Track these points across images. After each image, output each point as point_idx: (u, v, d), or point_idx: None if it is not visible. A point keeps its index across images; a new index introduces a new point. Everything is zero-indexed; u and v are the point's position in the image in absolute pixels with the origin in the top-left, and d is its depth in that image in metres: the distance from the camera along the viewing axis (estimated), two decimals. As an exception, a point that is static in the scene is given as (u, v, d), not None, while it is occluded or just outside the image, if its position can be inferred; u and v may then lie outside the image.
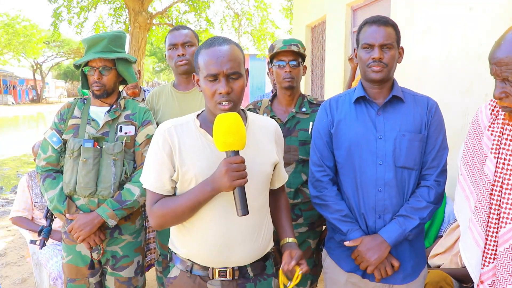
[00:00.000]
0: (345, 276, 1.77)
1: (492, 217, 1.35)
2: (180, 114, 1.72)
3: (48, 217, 2.23)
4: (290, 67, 2.12)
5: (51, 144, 2.05)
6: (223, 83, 1.33)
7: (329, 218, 1.75)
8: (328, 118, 1.79)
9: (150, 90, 3.86)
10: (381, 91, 1.72)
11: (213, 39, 1.39)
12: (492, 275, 1.37)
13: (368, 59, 1.66)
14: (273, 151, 1.52)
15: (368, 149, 1.68)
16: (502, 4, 2.67)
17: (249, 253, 1.45)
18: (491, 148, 1.36)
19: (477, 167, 1.41)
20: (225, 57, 1.34)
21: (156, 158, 1.41)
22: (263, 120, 1.57)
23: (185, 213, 1.38)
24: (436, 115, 1.71)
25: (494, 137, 1.37)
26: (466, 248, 1.44)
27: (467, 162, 1.45)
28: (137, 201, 2.01)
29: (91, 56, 1.98)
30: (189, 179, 1.39)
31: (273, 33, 13.34)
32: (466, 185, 1.45)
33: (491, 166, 1.35)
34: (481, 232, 1.37)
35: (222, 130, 1.28)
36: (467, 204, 1.44)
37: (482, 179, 1.37)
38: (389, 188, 1.67)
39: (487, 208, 1.35)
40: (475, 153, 1.42)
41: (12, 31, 28.23)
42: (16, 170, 8.59)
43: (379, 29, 1.64)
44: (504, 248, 1.32)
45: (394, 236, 1.64)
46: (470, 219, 1.41)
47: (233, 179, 1.28)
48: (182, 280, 1.47)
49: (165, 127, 1.43)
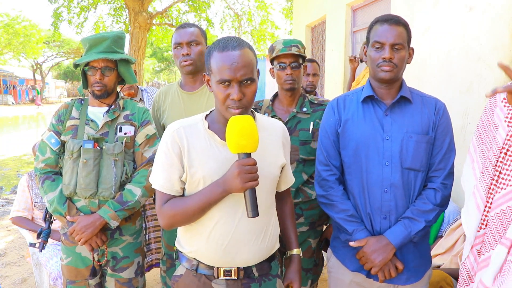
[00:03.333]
0: (350, 276, 1.77)
1: (493, 183, 1.36)
2: (185, 115, 1.72)
3: (47, 220, 2.20)
4: (291, 69, 2.12)
5: (49, 145, 2.03)
6: (236, 89, 1.32)
7: (335, 217, 1.74)
8: (336, 117, 1.77)
9: (148, 90, 3.86)
10: (389, 91, 1.71)
11: (226, 41, 1.36)
12: (481, 242, 1.39)
13: (378, 59, 1.64)
14: (280, 153, 1.52)
15: (375, 149, 1.67)
16: (502, 4, 2.67)
17: (254, 254, 1.46)
18: (506, 117, 1.36)
19: (488, 137, 1.42)
20: (239, 63, 1.32)
21: (166, 159, 1.42)
22: (271, 122, 1.56)
23: (195, 214, 1.38)
24: (444, 117, 1.69)
25: (507, 109, 1.37)
26: (467, 213, 1.46)
27: (480, 135, 1.46)
28: (139, 201, 2.01)
29: (94, 56, 1.96)
30: (197, 180, 1.40)
31: (273, 33, 13.34)
32: (475, 156, 1.46)
33: (502, 134, 1.36)
34: (483, 196, 1.38)
35: (236, 132, 1.28)
36: (473, 173, 1.45)
37: (492, 147, 1.38)
38: (395, 189, 1.66)
39: (492, 173, 1.36)
40: (488, 125, 1.43)
41: (12, 31, 28.21)
42: (16, 170, 8.59)
43: (391, 28, 1.62)
44: (495, 213, 1.33)
45: (399, 239, 1.63)
46: (475, 185, 1.42)
47: (245, 181, 1.28)
48: (188, 278, 1.48)
49: (174, 128, 1.43)
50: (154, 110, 2.39)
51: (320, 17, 6.72)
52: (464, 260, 1.46)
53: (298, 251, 1.63)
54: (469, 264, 1.43)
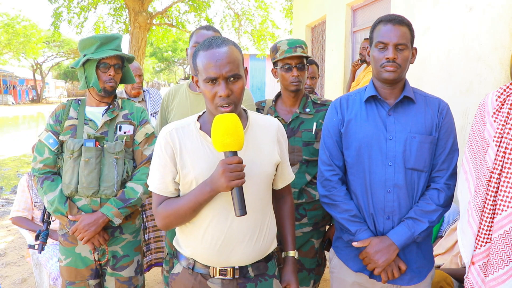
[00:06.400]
0: (353, 276, 1.77)
1: (488, 203, 1.37)
2: (191, 114, 1.72)
3: (45, 221, 2.20)
4: (297, 70, 2.11)
5: (48, 146, 2.03)
6: (223, 86, 1.33)
7: (338, 217, 1.73)
8: (338, 117, 1.77)
9: (150, 91, 3.87)
10: (392, 91, 1.70)
11: (210, 40, 1.37)
12: (483, 258, 1.40)
13: (382, 59, 1.63)
14: (274, 151, 1.51)
15: (378, 149, 1.67)
16: (502, 4, 2.67)
17: (249, 254, 1.46)
18: (494, 136, 1.37)
19: (479, 153, 1.42)
20: (224, 59, 1.32)
21: (160, 161, 1.43)
22: (265, 119, 1.56)
23: (187, 214, 1.39)
24: (447, 118, 1.69)
25: (497, 125, 1.37)
26: (461, 229, 1.48)
27: (471, 146, 1.46)
28: (140, 198, 2.02)
29: (110, 52, 1.97)
30: (190, 181, 1.40)
31: (273, 33, 13.35)
32: (468, 168, 1.46)
33: (491, 154, 1.36)
34: (475, 216, 1.40)
35: (220, 130, 1.29)
36: (467, 185, 1.46)
37: (483, 166, 1.39)
38: (399, 190, 1.66)
39: (483, 194, 1.37)
40: (479, 139, 1.43)
41: (12, 31, 28.21)
42: (16, 170, 8.59)
43: (394, 28, 1.61)
44: (498, 234, 1.34)
45: (403, 239, 1.63)
46: (469, 201, 1.43)
47: (230, 179, 1.28)
48: (184, 276, 1.49)
49: (167, 130, 1.44)
50: (162, 108, 2.41)
51: (320, 17, 6.72)
52: (467, 275, 1.47)
53: (293, 253, 1.63)
54: (473, 279, 1.44)
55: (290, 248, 1.63)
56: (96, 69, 2.00)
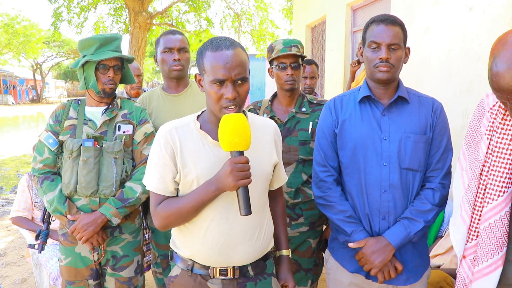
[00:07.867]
0: (349, 277, 1.77)
1: (479, 196, 1.38)
2: (172, 116, 1.73)
3: (45, 220, 2.20)
4: (292, 69, 2.12)
5: (48, 146, 2.03)
6: (230, 88, 1.33)
7: (333, 218, 1.74)
8: (333, 118, 1.77)
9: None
10: (386, 91, 1.70)
11: (218, 41, 1.37)
12: (473, 251, 1.40)
13: (375, 59, 1.63)
14: (273, 151, 1.52)
15: (373, 150, 1.67)
16: (502, 4, 2.67)
17: (250, 253, 1.46)
18: (486, 129, 1.38)
19: (475, 147, 1.43)
20: (234, 62, 1.32)
21: (159, 160, 1.42)
22: (262, 120, 1.57)
23: (190, 213, 1.39)
24: (441, 117, 1.69)
25: (491, 119, 1.38)
26: (454, 224, 1.49)
27: (469, 143, 1.47)
28: (139, 198, 2.02)
29: (109, 54, 1.97)
30: (191, 181, 1.40)
31: (273, 33, 13.34)
32: (465, 164, 1.47)
33: (483, 148, 1.38)
34: (468, 209, 1.40)
35: (228, 130, 1.29)
36: (461, 181, 1.47)
37: (477, 160, 1.40)
38: (394, 190, 1.66)
39: (475, 187, 1.38)
40: (476, 134, 1.44)
41: (12, 31, 28.22)
42: (16, 170, 8.59)
43: (387, 28, 1.61)
44: (484, 227, 1.35)
45: (399, 239, 1.63)
46: (462, 196, 1.44)
47: (237, 178, 1.28)
48: (183, 278, 1.48)
49: (167, 129, 1.43)
50: None
51: (320, 17, 6.72)
52: (459, 269, 1.48)
53: (287, 252, 1.64)
54: (464, 273, 1.45)
55: (284, 247, 1.65)
56: (95, 71, 2.00)
